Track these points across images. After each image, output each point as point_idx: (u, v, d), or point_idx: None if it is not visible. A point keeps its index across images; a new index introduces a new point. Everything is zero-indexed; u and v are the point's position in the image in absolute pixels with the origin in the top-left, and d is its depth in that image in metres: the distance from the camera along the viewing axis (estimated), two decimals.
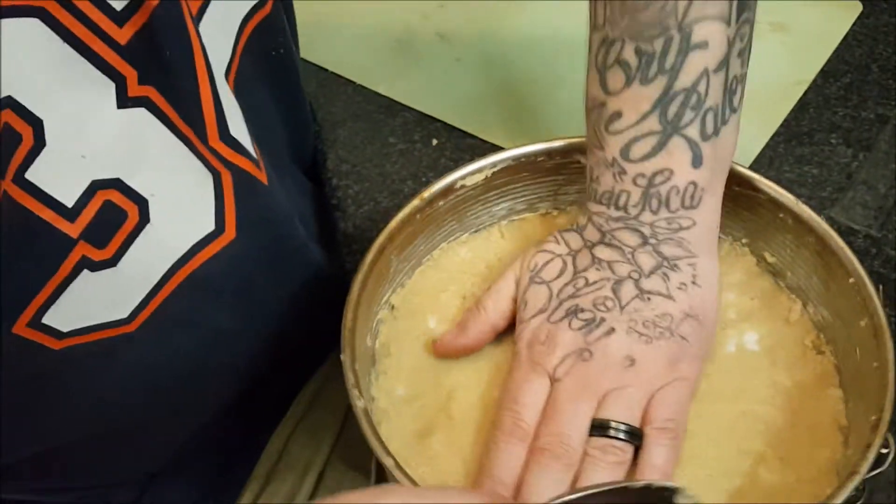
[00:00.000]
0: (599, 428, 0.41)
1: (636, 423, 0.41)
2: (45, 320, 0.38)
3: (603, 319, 0.43)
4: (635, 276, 0.44)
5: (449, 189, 0.49)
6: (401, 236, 0.47)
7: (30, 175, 0.34)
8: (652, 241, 0.44)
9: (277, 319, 0.47)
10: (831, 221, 0.53)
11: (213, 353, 0.47)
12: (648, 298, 0.43)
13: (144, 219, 0.39)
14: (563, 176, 0.51)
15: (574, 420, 0.41)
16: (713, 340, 0.44)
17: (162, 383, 0.46)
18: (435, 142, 0.65)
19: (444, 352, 0.47)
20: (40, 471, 0.46)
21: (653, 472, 0.40)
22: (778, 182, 0.46)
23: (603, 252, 0.45)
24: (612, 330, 0.43)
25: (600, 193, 0.45)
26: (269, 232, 0.46)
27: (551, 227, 0.52)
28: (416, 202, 0.47)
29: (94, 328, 0.40)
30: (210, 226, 0.41)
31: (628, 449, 0.41)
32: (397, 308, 0.49)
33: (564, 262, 0.46)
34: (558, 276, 0.45)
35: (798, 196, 0.45)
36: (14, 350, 0.38)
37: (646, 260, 0.44)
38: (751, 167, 0.54)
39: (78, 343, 0.40)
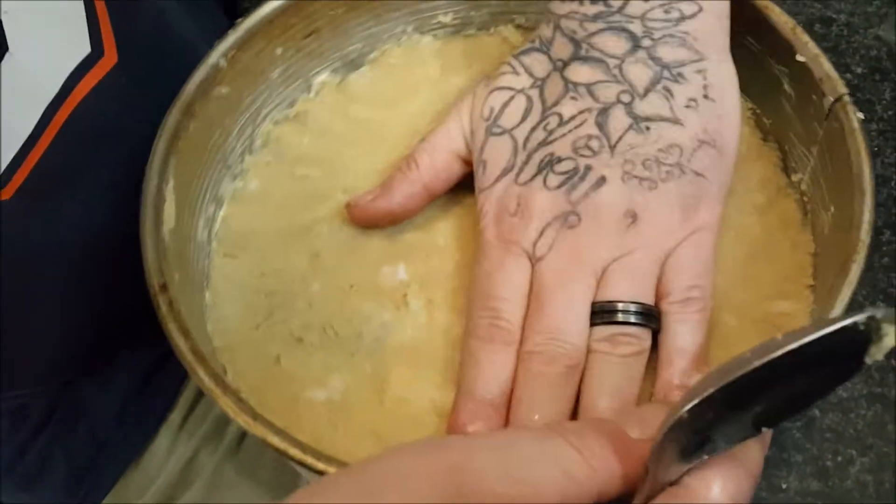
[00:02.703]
0: (603, 313, 0.31)
1: (650, 300, 0.31)
2: None
3: (588, 168, 0.32)
4: (626, 98, 0.33)
5: None
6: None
7: None
8: (645, 42, 0.33)
9: None
10: (880, 41, 0.42)
11: (107, 219, 0.37)
12: (647, 128, 0.32)
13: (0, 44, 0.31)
14: None
15: (569, 308, 0.31)
16: (732, 174, 0.33)
17: (52, 265, 0.37)
18: None
19: (361, 217, 0.36)
20: None
21: (680, 357, 0.31)
22: None
23: (579, 72, 0.33)
24: (603, 179, 0.32)
25: None
26: (160, 57, 0.36)
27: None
28: None
29: None
30: (85, 47, 0.33)
31: (644, 335, 0.31)
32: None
33: (529, 99, 0.34)
34: (523, 120, 0.34)
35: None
36: None
37: (639, 73, 0.32)
38: None
39: None
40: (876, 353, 0.20)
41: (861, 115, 0.31)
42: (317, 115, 0.41)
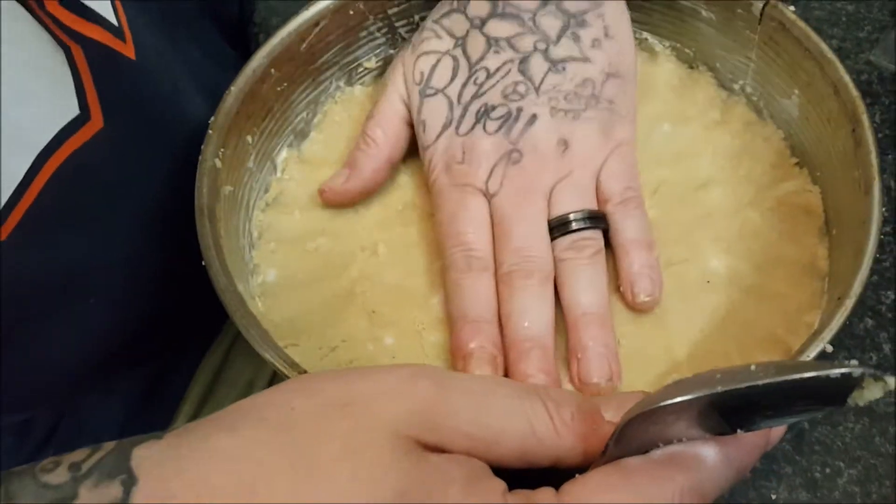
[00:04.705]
0: (559, 227, 0.35)
1: (594, 206, 0.36)
2: None
3: (520, 109, 0.36)
4: (542, 46, 0.37)
5: None
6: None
7: None
8: None
9: (178, 214, 0.36)
10: (871, 66, 0.45)
11: (106, 252, 0.38)
12: (563, 68, 0.37)
13: None
14: None
15: (530, 229, 0.35)
16: (636, 96, 0.39)
17: (52, 295, 0.37)
18: None
19: (335, 198, 0.39)
20: None
21: (634, 247, 0.35)
22: (805, 21, 0.37)
23: (497, 27, 0.37)
24: (534, 117, 0.36)
25: None
26: (146, 116, 0.37)
27: None
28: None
29: None
30: (74, 110, 0.33)
31: (598, 236, 0.36)
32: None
33: (455, 59, 0.38)
34: (453, 79, 0.38)
35: (830, 38, 0.37)
36: None
37: (550, 23, 0.37)
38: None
39: None
40: (858, 399, 0.22)
41: (793, 8, 0.37)
42: (294, 190, 0.41)
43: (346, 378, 0.25)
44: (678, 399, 0.22)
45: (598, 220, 0.36)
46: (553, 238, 0.35)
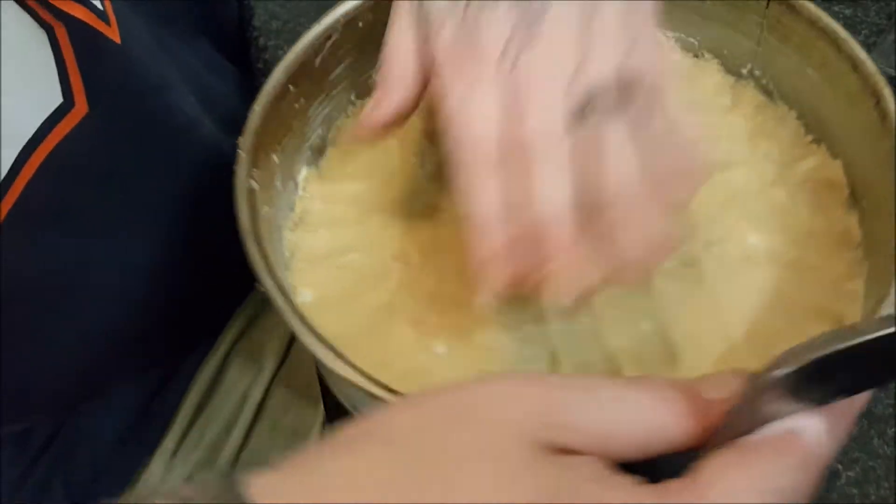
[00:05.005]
0: (581, 110, 0.31)
1: (616, 90, 0.32)
2: None
3: None
4: None
5: None
6: None
7: None
8: None
9: (171, 214, 0.37)
10: None
11: (97, 250, 0.38)
12: None
13: None
14: None
15: (547, 113, 0.31)
16: None
17: (48, 297, 0.38)
18: None
19: (371, 129, 0.34)
20: None
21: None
22: None
23: None
24: None
25: None
26: (132, 105, 0.36)
27: None
28: None
29: None
30: (57, 98, 0.33)
31: (622, 119, 0.32)
32: None
33: None
34: None
35: None
36: None
37: None
38: None
39: None
40: None
41: None
42: (317, 208, 0.40)
43: (452, 392, 0.24)
44: (794, 366, 0.22)
45: (622, 102, 0.32)
46: (575, 121, 0.32)
